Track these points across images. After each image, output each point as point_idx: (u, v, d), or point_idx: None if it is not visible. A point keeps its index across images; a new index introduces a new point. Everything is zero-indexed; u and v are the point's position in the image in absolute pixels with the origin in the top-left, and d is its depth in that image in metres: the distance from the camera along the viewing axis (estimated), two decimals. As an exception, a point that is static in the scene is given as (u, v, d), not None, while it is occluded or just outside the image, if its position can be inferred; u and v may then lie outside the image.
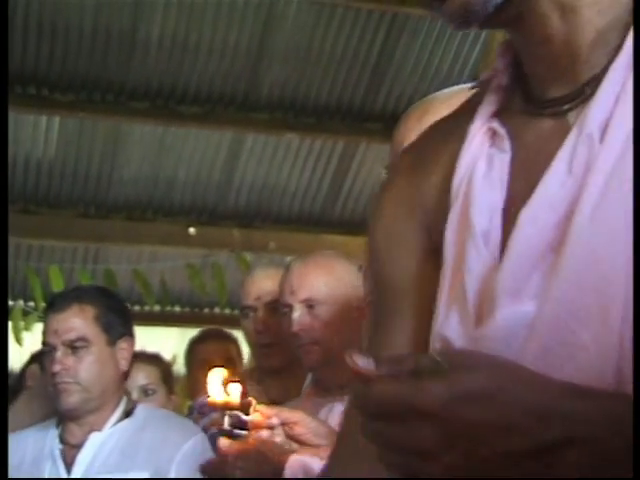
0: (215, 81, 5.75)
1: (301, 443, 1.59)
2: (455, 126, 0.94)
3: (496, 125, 0.88)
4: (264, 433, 1.58)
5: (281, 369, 2.54)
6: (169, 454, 2.27)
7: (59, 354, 2.28)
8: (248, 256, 5.99)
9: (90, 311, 2.34)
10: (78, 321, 2.32)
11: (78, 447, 2.29)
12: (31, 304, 6.12)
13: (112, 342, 2.36)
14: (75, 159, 6.05)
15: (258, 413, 1.59)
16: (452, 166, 0.91)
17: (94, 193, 6.23)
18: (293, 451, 1.58)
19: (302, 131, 6.09)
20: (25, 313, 5.95)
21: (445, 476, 0.71)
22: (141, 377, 2.92)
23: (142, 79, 5.68)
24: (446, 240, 0.88)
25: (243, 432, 1.59)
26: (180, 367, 5.53)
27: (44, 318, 5.83)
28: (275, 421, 1.60)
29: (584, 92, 0.82)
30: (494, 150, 0.87)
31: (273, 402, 2.36)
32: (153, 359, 3.31)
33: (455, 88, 1.49)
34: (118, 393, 2.38)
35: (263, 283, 2.53)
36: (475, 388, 0.70)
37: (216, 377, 1.69)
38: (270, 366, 2.56)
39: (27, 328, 5.80)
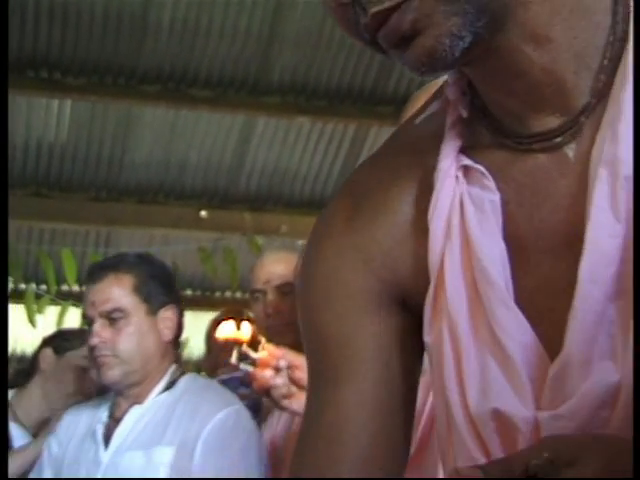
0: (226, 65, 5.72)
1: (300, 387, 1.59)
2: (403, 165, 0.87)
3: (469, 162, 0.81)
4: (268, 372, 1.59)
5: (292, 350, 2.54)
6: (198, 427, 2.15)
7: (96, 326, 2.20)
8: (260, 240, 5.97)
9: (128, 280, 2.24)
10: (115, 291, 2.23)
11: (120, 421, 2.23)
12: (43, 287, 6.13)
13: (153, 312, 2.26)
14: (87, 143, 6.05)
15: (266, 351, 1.59)
16: (417, 209, 0.84)
17: (106, 177, 6.22)
18: (292, 394, 1.60)
19: (313, 115, 6.04)
20: (38, 296, 5.92)
21: None
22: None
23: (153, 63, 5.65)
24: (449, 293, 0.81)
25: (249, 368, 1.59)
26: (192, 350, 5.56)
27: (56, 301, 5.85)
28: (283, 363, 1.61)
29: (579, 122, 0.77)
30: (476, 189, 0.80)
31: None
32: None
33: None
34: (163, 364, 2.27)
35: (272, 267, 2.51)
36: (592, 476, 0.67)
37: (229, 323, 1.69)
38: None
39: (40, 311, 5.78)
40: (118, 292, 2.22)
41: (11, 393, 2.71)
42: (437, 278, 0.81)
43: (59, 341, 2.79)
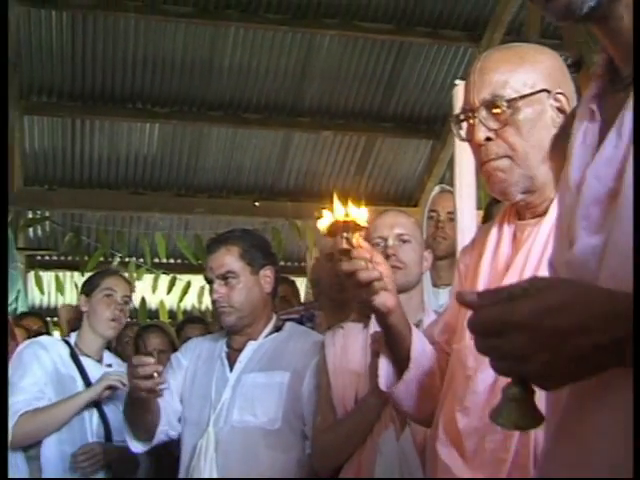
0: (270, 95, 6.51)
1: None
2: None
3: (593, 106, 0.98)
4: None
5: (346, 302, 2.57)
6: (306, 361, 2.33)
7: (215, 286, 2.38)
8: (298, 223, 6.72)
9: (235, 250, 2.38)
10: (227, 258, 2.37)
11: (239, 351, 2.40)
12: (141, 260, 6.88)
13: (255, 272, 2.40)
14: (170, 154, 6.87)
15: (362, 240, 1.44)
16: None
17: (184, 179, 7.05)
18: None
19: (335, 130, 6.82)
20: (137, 267, 6.66)
21: (539, 373, 0.80)
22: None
23: (218, 95, 6.48)
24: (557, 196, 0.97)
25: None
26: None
27: (151, 270, 6.88)
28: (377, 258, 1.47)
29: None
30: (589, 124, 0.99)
31: (328, 327, 2.58)
32: (199, 320, 3.74)
33: (504, 45, 1.52)
34: (267, 310, 2.44)
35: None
36: (556, 301, 0.80)
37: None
38: (343, 299, 2.59)
39: (138, 278, 6.53)
40: (229, 259, 2.38)
41: (74, 334, 2.90)
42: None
43: (87, 286, 2.92)
